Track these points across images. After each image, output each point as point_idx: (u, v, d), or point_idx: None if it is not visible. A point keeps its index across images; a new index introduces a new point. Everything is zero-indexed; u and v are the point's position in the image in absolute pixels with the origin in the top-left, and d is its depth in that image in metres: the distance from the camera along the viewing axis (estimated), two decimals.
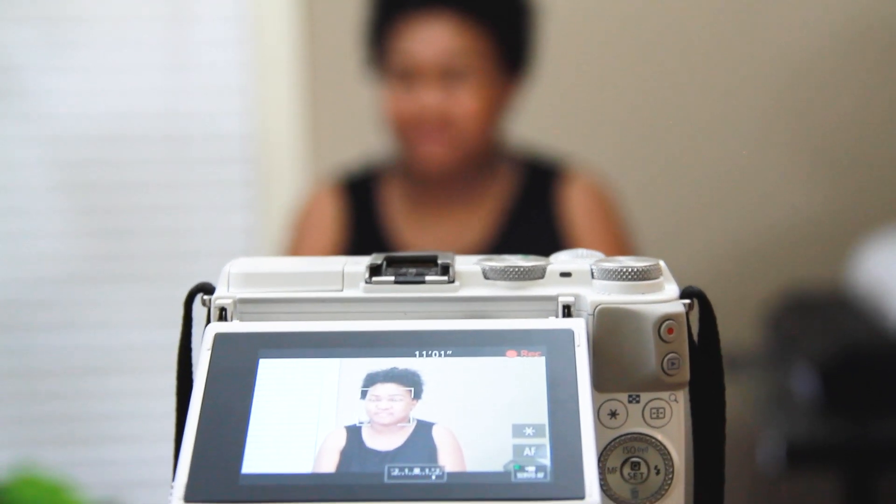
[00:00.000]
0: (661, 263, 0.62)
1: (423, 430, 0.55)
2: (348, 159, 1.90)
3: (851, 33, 2.21)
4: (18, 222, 2.26)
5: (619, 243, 1.67)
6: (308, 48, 2.21)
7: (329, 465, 0.54)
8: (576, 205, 1.70)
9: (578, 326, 0.59)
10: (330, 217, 1.76)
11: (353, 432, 0.55)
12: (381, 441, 0.55)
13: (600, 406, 0.60)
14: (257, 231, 2.25)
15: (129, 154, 2.25)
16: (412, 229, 1.73)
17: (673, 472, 0.60)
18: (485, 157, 1.72)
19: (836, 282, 2.12)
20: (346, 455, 0.54)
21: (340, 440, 0.55)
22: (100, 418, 2.28)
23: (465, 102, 1.66)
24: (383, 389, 0.57)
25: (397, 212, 1.75)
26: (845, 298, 2.03)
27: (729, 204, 2.24)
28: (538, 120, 2.03)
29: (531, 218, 1.71)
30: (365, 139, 1.95)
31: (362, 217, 1.75)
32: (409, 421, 0.56)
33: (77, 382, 2.27)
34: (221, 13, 2.23)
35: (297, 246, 1.78)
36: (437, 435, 0.55)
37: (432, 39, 1.65)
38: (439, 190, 1.73)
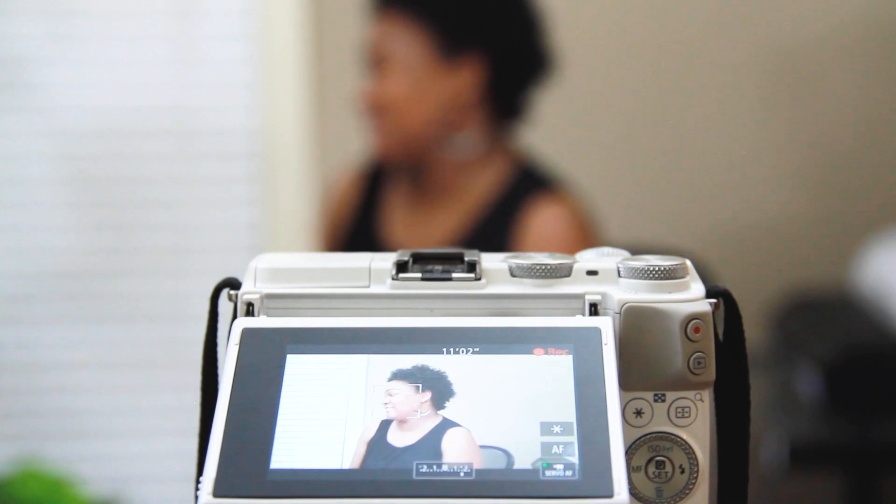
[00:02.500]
0: (688, 263, 0.62)
1: (438, 430, 0.55)
2: (354, 155, 1.90)
3: (855, 33, 2.21)
4: (23, 216, 2.26)
5: None
6: (315, 43, 2.21)
7: (357, 460, 0.54)
8: (545, 222, 1.67)
9: (605, 325, 0.59)
10: (346, 204, 1.80)
11: (380, 428, 0.56)
12: (399, 437, 0.55)
13: (626, 405, 0.60)
14: (263, 227, 2.25)
15: (134, 148, 2.25)
16: (399, 222, 1.74)
17: (697, 471, 0.60)
18: (438, 147, 1.70)
19: (840, 283, 2.12)
20: (370, 450, 0.55)
21: (368, 436, 0.55)
22: (103, 413, 2.28)
23: (392, 86, 1.68)
24: (383, 387, 0.57)
25: (394, 204, 1.76)
26: (850, 300, 2.03)
27: (734, 204, 2.24)
28: (541, 130, 2.03)
29: (498, 224, 1.68)
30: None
31: (368, 206, 1.77)
32: (417, 415, 0.56)
33: (81, 377, 2.27)
34: (229, 8, 2.23)
35: (328, 227, 1.83)
36: (449, 435, 0.55)
37: (367, 33, 1.73)
38: (431, 184, 1.73)
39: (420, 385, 0.57)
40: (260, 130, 2.24)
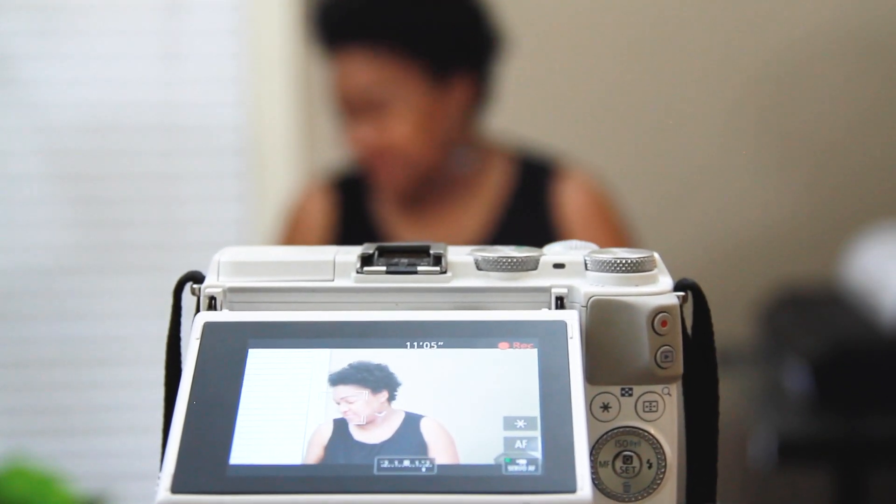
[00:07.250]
0: (655, 255, 0.61)
1: (411, 423, 0.55)
2: (342, 152, 1.89)
3: (841, 31, 2.21)
4: (10, 212, 2.25)
5: (617, 240, 1.66)
6: (303, 39, 2.20)
7: (318, 456, 0.54)
8: (571, 201, 1.69)
9: (571, 318, 0.58)
10: (320, 216, 1.75)
11: (341, 424, 0.55)
12: (368, 434, 0.54)
13: (593, 399, 0.60)
14: (250, 223, 2.25)
15: (121, 144, 2.24)
16: (405, 226, 1.73)
17: (665, 466, 0.60)
18: (446, 161, 1.70)
19: (828, 278, 2.12)
20: (333, 447, 0.54)
21: (329, 431, 0.55)
22: (91, 409, 2.27)
23: (396, 130, 1.65)
24: (339, 392, 0.56)
25: (390, 209, 1.74)
26: (838, 295, 2.03)
27: (722, 199, 2.23)
28: (532, 118, 2.02)
29: (526, 214, 1.70)
30: None
31: (354, 215, 1.74)
32: (381, 412, 0.55)
33: (68, 373, 2.26)
34: (216, 3, 2.22)
35: (289, 244, 1.77)
36: (426, 427, 0.54)
37: (351, 76, 1.66)
38: (432, 186, 1.72)
39: (373, 386, 0.56)
40: (247, 126, 2.23)
